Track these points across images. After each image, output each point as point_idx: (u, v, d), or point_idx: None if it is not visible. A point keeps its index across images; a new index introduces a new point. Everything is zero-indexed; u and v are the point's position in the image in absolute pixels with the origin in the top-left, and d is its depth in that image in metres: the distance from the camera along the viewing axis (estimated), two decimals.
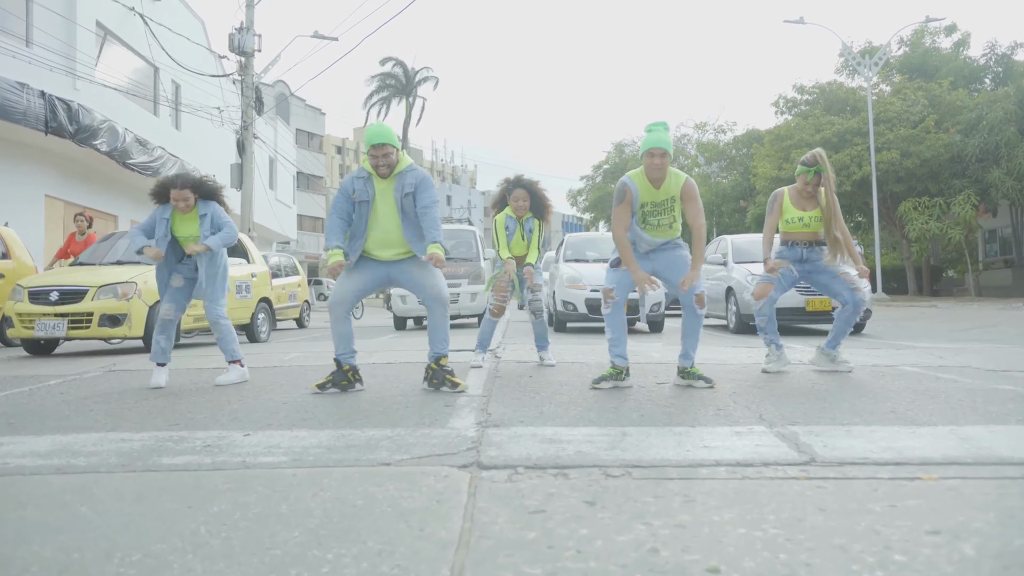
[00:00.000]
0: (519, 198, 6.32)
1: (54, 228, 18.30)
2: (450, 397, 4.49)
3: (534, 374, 5.70)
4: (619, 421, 3.61)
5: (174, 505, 2.30)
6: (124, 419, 3.96)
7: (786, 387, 4.82)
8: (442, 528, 2.02)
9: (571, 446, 3.03)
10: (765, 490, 2.37)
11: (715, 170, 42.96)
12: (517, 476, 2.58)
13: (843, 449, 2.93)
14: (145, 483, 2.60)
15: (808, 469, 2.64)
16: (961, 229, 23.66)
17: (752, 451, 2.92)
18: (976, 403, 4.06)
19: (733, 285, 11.76)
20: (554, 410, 3.97)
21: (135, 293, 8.39)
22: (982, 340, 9.58)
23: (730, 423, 3.53)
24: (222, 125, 22.65)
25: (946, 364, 6.21)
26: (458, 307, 13.89)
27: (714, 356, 6.86)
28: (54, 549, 1.91)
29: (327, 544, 1.90)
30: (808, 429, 3.34)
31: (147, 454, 3.05)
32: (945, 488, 2.37)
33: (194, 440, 3.32)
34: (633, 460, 2.79)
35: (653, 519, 2.07)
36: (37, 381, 5.89)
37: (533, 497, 2.31)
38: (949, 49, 29.49)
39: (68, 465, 2.90)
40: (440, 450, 3.00)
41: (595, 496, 2.32)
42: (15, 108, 14.71)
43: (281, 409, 4.16)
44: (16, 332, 8.34)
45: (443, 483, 2.49)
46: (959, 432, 3.25)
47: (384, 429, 3.47)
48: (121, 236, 10.43)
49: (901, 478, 2.51)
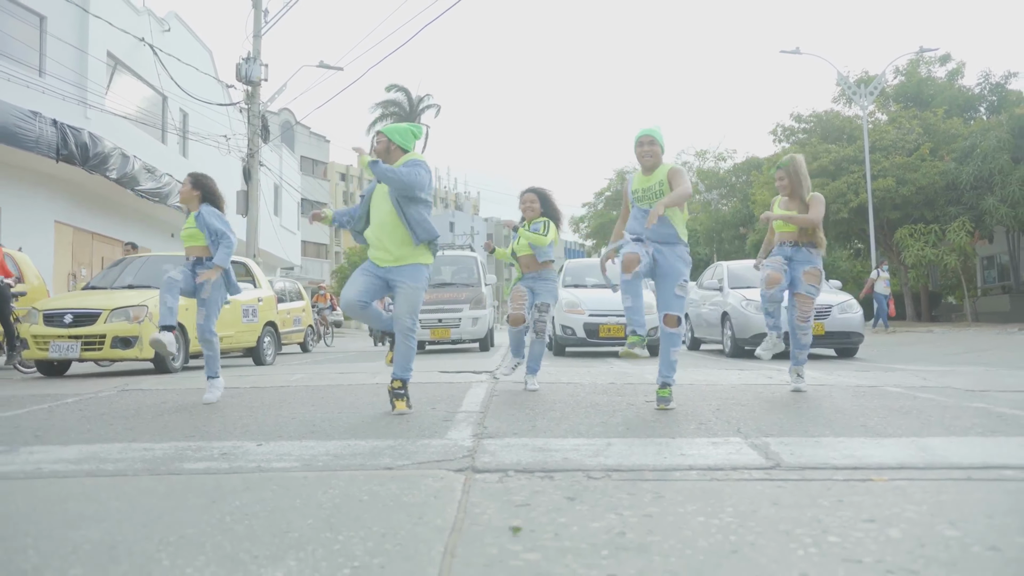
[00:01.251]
0: (528, 200, 6.63)
1: (63, 253, 18.65)
2: (449, 412, 4.76)
3: (529, 395, 5.96)
4: (606, 434, 3.88)
5: (199, 500, 2.57)
6: (144, 432, 4.23)
7: (768, 404, 5.09)
8: (438, 517, 2.29)
9: (559, 454, 3.30)
10: (728, 489, 2.64)
11: (715, 197, 43.33)
12: (507, 478, 2.84)
13: (808, 456, 3.20)
14: (170, 484, 2.87)
15: (771, 473, 2.90)
16: (956, 255, 23.95)
17: (724, 458, 3.19)
18: (944, 419, 4.33)
19: (729, 310, 12.02)
20: (546, 424, 4.24)
21: (146, 316, 8.69)
22: (972, 363, 9.82)
23: (709, 435, 3.80)
24: (228, 153, 23.05)
25: (928, 385, 6.46)
26: (459, 332, 14.18)
27: (705, 378, 7.12)
28: (100, 533, 2.18)
29: (337, 529, 2.17)
30: (780, 440, 3.60)
31: (169, 461, 3.32)
32: (892, 488, 2.64)
33: (211, 449, 3.59)
34: (614, 465, 3.06)
35: (624, 510, 2.34)
36: (55, 399, 6.17)
37: (520, 494, 2.58)
38: (944, 78, 29.93)
39: (98, 470, 3.17)
40: (438, 457, 3.27)
41: (576, 493, 2.59)
42: (27, 136, 15.12)
43: (290, 423, 4.43)
44: (31, 353, 8.64)
45: (440, 483, 2.76)
46: (919, 443, 3.52)
47: (387, 440, 3.74)
48: (131, 260, 10.75)
49: (855, 480, 2.77)
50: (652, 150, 4.98)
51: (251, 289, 11.41)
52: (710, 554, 1.92)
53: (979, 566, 1.82)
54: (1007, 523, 2.18)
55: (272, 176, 29.76)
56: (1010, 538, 2.03)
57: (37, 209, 17.35)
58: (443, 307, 14.02)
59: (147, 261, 10.57)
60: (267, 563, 1.88)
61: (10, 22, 16.39)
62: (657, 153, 5.01)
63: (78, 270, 19.53)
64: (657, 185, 4.98)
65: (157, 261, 10.54)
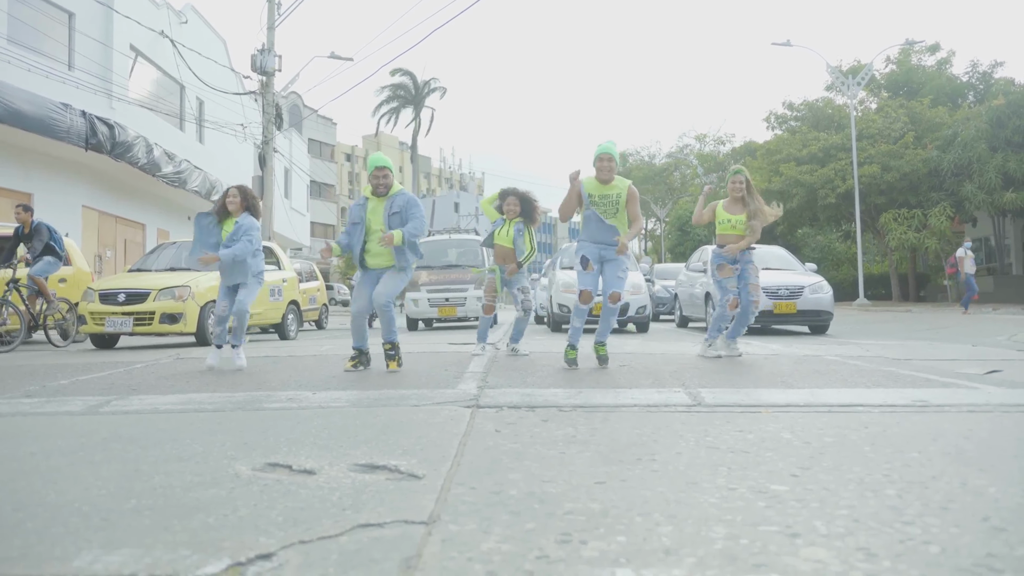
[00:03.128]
0: (511, 204, 7.85)
1: (90, 236, 19.81)
2: (459, 370, 5.93)
3: (524, 361, 7.11)
4: (579, 385, 5.03)
5: (288, 423, 3.72)
6: (217, 386, 5.39)
7: (718, 368, 6.23)
8: (454, 428, 3.44)
9: (541, 397, 4.46)
10: (656, 417, 3.79)
11: (713, 180, 44.36)
12: (502, 411, 3.99)
13: (724, 400, 4.34)
14: (261, 416, 4.02)
15: (691, 408, 4.05)
16: (937, 239, 25.10)
17: (662, 400, 4.34)
18: (849, 376, 5.47)
19: (711, 291, 13.15)
20: (535, 380, 5.39)
21: (189, 295, 9.87)
22: (926, 339, 10.94)
23: (657, 386, 4.95)
24: (244, 140, 24.12)
25: (864, 355, 7.58)
26: (465, 310, 15.43)
27: (678, 349, 8.28)
28: (231, 437, 3.33)
29: (389, 434, 3.32)
30: (710, 390, 4.75)
31: (251, 403, 4.48)
32: (769, 417, 3.78)
33: (279, 396, 4.74)
34: (580, 403, 4.21)
35: (580, 426, 3.50)
36: (123, 366, 7.31)
37: (510, 418, 3.73)
38: (933, 67, 30.97)
39: (201, 407, 4.33)
40: (452, 399, 4.42)
41: (548, 417, 3.74)
42: (59, 126, 16.23)
43: (332, 380, 5.59)
44: (89, 328, 9.83)
45: (454, 413, 3.92)
46: (815, 392, 4.65)
47: (411, 390, 4.90)
48: (168, 246, 11.93)
49: (747, 413, 3.92)
50: (611, 166, 6.35)
51: (276, 271, 12.57)
52: (626, 444, 3.06)
53: (796, 453, 2.95)
54: (830, 433, 3.32)
55: (283, 160, 30.87)
56: (823, 440, 3.17)
57: (66, 194, 18.50)
58: (450, 287, 15.25)
59: (181, 246, 11.72)
60: (350, 448, 3.02)
61: (42, 20, 17.46)
62: (614, 168, 6.37)
63: (103, 252, 20.71)
64: (616, 196, 6.34)
65: (191, 246, 11.69)
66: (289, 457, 2.86)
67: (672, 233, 40.67)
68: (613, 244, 6.34)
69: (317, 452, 2.96)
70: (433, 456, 2.85)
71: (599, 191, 6.36)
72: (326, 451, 2.97)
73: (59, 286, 11.27)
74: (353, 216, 6.48)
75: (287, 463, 2.76)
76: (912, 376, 5.55)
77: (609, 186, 6.36)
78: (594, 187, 6.39)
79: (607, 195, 6.34)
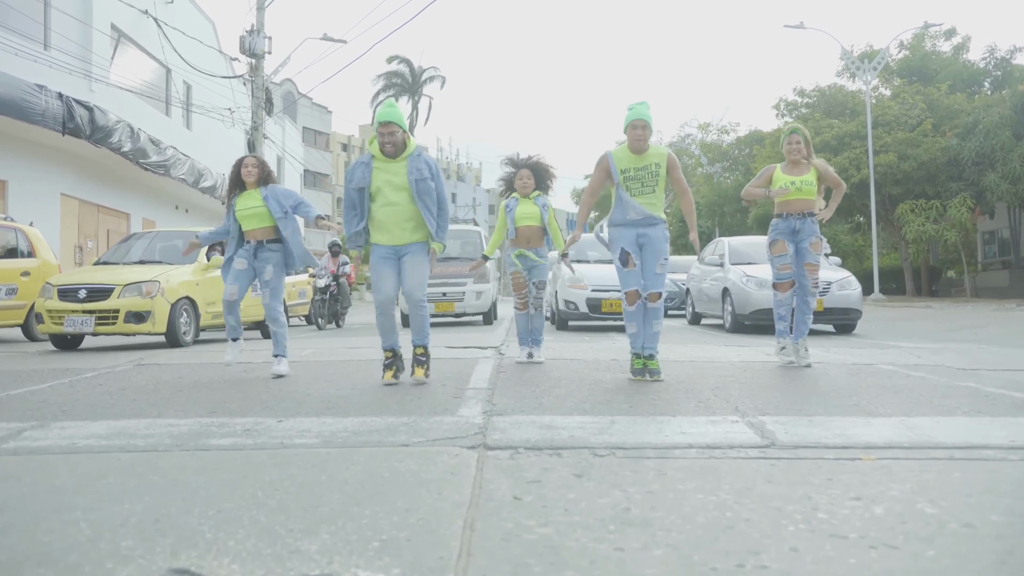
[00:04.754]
0: (524, 177, 6.82)
1: (69, 226, 18.80)
2: (458, 389, 4.95)
3: (535, 371, 6.14)
4: (609, 411, 4.06)
5: (231, 476, 2.75)
6: (167, 407, 4.42)
7: (765, 383, 5.27)
8: (456, 492, 2.47)
9: (565, 431, 3.48)
10: (726, 467, 2.82)
11: (718, 170, 43.38)
12: (518, 455, 3.03)
13: (801, 435, 3.38)
14: (201, 459, 3.05)
15: (766, 451, 3.08)
16: (957, 231, 24.12)
17: (722, 436, 3.37)
18: (933, 398, 4.50)
19: (729, 286, 12.19)
20: (552, 401, 4.42)
21: (158, 292, 8.87)
22: (967, 340, 9.99)
23: (708, 413, 3.98)
24: (233, 126, 23.13)
25: (921, 363, 6.64)
26: (463, 305, 14.41)
27: (705, 354, 7.31)
28: (143, 506, 2.36)
29: (364, 504, 2.35)
30: (775, 419, 3.78)
31: (195, 437, 3.51)
32: (878, 467, 2.82)
33: (234, 425, 3.77)
34: (618, 443, 3.24)
35: (629, 487, 2.52)
36: (74, 374, 6.36)
37: (531, 471, 2.76)
38: (949, 53, 29.93)
39: (129, 445, 3.36)
40: (452, 434, 3.45)
41: (583, 470, 2.77)
42: (33, 109, 15.19)
43: (307, 400, 4.62)
44: (46, 328, 8.84)
45: (455, 460, 2.95)
46: (908, 422, 3.69)
47: (401, 417, 3.93)
48: (141, 236, 10.92)
49: (844, 459, 2.95)
50: (645, 134, 5.32)
51: None
52: (708, 529, 2.09)
53: (955, 542, 1.99)
54: (983, 502, 2.36)
55: (275, 148, 29.84)
56: (985, 516, 2.20)
57: (43, 182, 17.47)
58: (447, 281, 14.21)
59: (156, 236, 10.74)
60: (302, 536, 2.05)
61: None
62: (648, 137, 5.34)
63: (84, 242, 19.70)
64: (653, 167, 5.33)
65: (166, 236, 10.70)
66: (207, 557, 1.89)
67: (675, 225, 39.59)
68: (653, 224, 5.37)
69: (252, 546, 1.98)
70: (425, 558, 1.88)
71: (633, 163, 5.37)
72: (265, 543, 2.00)
73: (22, 280, 10.30)
74: (356, 179, 5.24)
75: (199, 573, 1.79)
76: (1009, 397, 4.58)
77: (644, 156, 5.37)
78: (627, 159, 5.40)
79: (644, 167, 5.35)
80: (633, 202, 5.31)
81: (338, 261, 15.85)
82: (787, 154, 6.36)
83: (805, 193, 6.21)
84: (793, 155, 6.30)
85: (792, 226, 6.25)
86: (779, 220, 6.31)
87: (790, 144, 6.34)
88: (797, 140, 6.32)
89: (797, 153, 6.30)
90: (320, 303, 15.22)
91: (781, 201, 6.28)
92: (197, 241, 6.54)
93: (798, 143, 6.31)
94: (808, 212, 6.24)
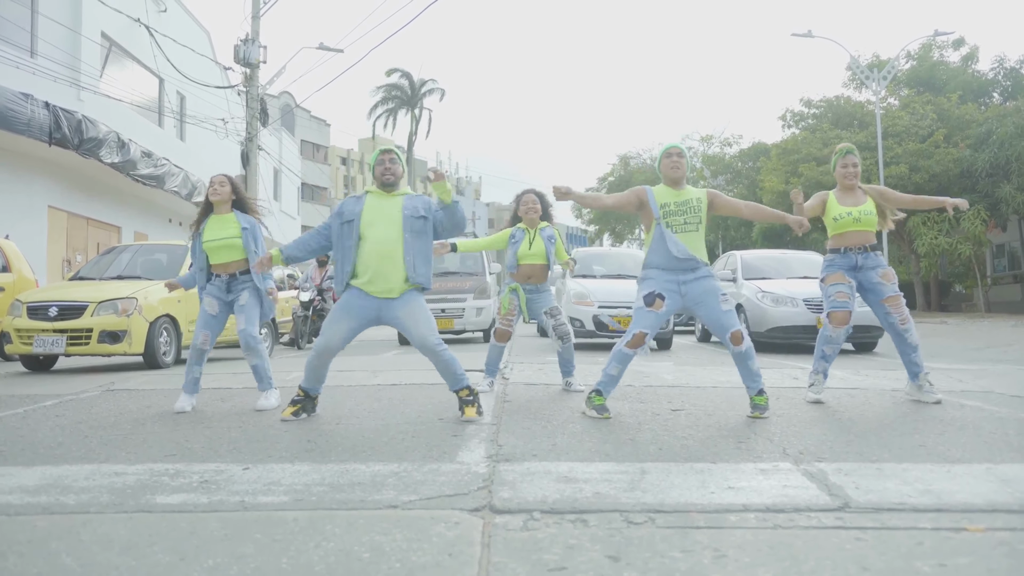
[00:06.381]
0: (529, 203, 6.18)
1: (57, 239, 18.20)
2: (458, 427, 4.31)
3: (544, 399, 5.53)
4: (637, 456, 3.44)
5: (166, 557, 2.13)
6: (120, 448, 3.80)
7: (805, 416, 4.65)
8: None
9: (588, 486, 2.86)
10: (800, 542, 2.21)
11: (721, 183, 42.78)
12: (533, 523, 2.41)
13: (877, 492, 2.76)
14: (136, 527, 2.43)
15: (843, 517, 2.47)
16: (970, 244, 23.49)
17: (780, 493, 2.75)
18: (1009, 436, 3.90)
19: (743, 302, 11.60)
20: (567, 441, 3.80)
21: (135, 309, 8.24)
22: (999, 361, 9.40)
23: (753, 458, 3.36)
24: (227, 136, 22.59)
25: (968, 389, 6.07)
26: (463, 322, 13.78)
27: (729, 379, 6.68)
28: None
29: None
30: (836, 467, 3.17)
31: (141, 491, 2.89)
32: (996, 542, 2.20)
33: (191, 474, 3.15)
34: (655, 504, 2.62)
35: None
36: (33, 401, 5.75)
37: (552, 550, 2.15)
38: (957, 63, 29.35)
39: (56, 504, 2.74)
40: (450, 490, 2.83)
41: (618, 549, 2.15)
42: (19, 119, 14.61)
43: (282, 438, 4.00)
44: (14, 348, 8.20)
45: (454, 531, 2.33)
46: (996, 471, 3.08)
47: (390, 463, 3.31)
48: (123, 250, 10.30)
49: (944, 528, 2.34)
50: (681, 162, 4.77)
51: None
52: None
53: None
54: None
55: (272, 160, 29.28)
56: None
57: (30, 194, 16.87)
58: (447, 297, 13.59)
59: (138, 250, 10.11)
60: None
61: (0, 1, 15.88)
62: (684, 165, 4.77)
63: (73, 256, 19.08)
64: (695, 202, 4.73)
65: (148, 250, 10.09)
66: None
67: None
68: (695, 268, 4.65)
69: None
70: None
71: (673, 197, 4.71)
72: None
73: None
74: (346, 213, 4.63)
75: None
76: None
77: (683, 192, 4.74)
78: (666, 193, 4.74)
79: (685, 201, 4.69)
80: (675, 239, 4.60)
81: (323, 273, 14.45)
82: (841, 179, 5.49)
83: (865, 224, 5.34)
84: (849, 179, 5.44)
85: (852, 262, 5.34)
86: (836, 255, 5.41)
87: (844, 167, 5.46)
88: (854, 162, 5.45)
89: (853, 177, 5.44)
90: (303, 320, 13.92)
91: (836, 234, 5.45)
92: (176, 283, 5.75)
93: (855, 166, 5.45)
94: (870, 245, 5.38)
